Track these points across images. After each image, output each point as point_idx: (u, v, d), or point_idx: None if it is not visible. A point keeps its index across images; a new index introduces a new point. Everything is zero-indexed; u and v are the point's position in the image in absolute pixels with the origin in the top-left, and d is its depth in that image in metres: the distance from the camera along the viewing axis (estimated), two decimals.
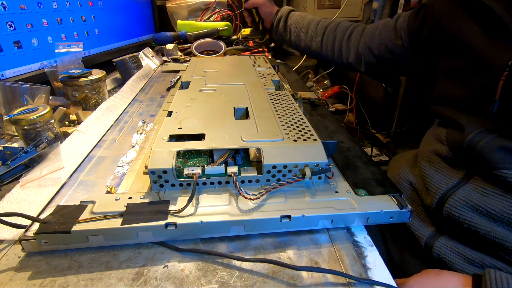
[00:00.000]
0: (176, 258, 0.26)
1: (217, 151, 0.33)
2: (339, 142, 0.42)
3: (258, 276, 0.25)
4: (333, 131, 0.45)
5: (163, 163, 0.29)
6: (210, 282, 0.24)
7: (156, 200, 0.29)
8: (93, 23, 0.81)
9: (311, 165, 0.31)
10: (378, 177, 0.34)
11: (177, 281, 0.24)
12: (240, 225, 0.28)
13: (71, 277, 0.24)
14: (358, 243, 0.28)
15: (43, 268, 0.25)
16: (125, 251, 0.27)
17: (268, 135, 0.34)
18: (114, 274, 0.25)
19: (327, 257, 0.27)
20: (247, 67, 0.64)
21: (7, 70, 0.57)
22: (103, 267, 0.25)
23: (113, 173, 0.35)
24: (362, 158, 0.38)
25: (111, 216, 0.27)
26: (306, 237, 0.29)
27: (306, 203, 0.29)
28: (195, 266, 0.25)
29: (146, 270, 0.25)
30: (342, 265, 0.26)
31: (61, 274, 0.25)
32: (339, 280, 0.25)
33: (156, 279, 0.24)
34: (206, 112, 0.40)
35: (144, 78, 0.72)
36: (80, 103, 0.58)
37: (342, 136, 0.43)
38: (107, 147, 0.41)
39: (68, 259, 0.26)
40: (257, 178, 0.31)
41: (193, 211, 0.28)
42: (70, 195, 0.31)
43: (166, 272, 0.25)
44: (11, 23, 0.57)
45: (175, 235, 0.27)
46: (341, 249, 0.28)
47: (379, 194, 0.31)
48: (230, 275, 0.25)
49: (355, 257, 0.27)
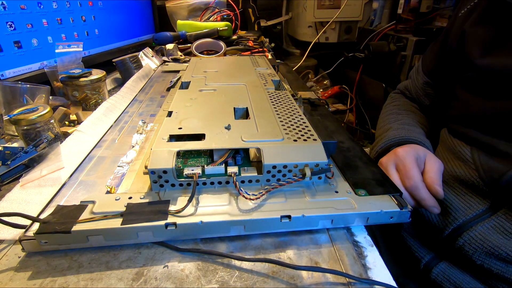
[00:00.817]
0: (176, 258, 0.26)
1: (217, 151, 0.33)
2: (339, 142, 0.42)
3: (258, 276, 0.25)
4: (333, 131, 0.45)
5: (163, 163, 0.29)
6: (210, 282, 0.24)
7: (156, 200, 0.29)
8: (93, 23, 0.81)
9: (311, 165, 0.31)
10: (378, 177, 0.34)
11: (177, 281, 0.24)
12: (240, 225, 0.28)
13: (71, 277, 0.24)
14: (358, 243, 0.28)
15: (43, 268, 0.25)
16: (125, 251, 0.27)
17: (268, 135, 0.34)
18: (114, 274, 0.25)
19: (327, 257, 0.27)
20: (247, 67, 0.64)
21: (7, 70, 0.57)
22: (103, 267, 0.25)
23: (113, 173, 0.35)
24: (362, 158, 0.38)
25: (111, 216, 0.27)
26: (306, 237, 0.29)
27: (306, 203, 0.29)
28: (195, 266, 0.25)
29: (146, 270, 0.25)
30: (342, 265, 0.26)
31: (61, 274, 0.25)
32: (339, 280, 0.25)
33: (156, 279, 0.24)
34: (206, 112, 0.40)
35: (144, 78, 0.72)
36: (80, 103, 0.58)
37: (342, 136, 0.43)
38: (107, 147, 0.41)
39: (68, 259, 0.26)
40: (257, 178, 0.31)
41: (193, 211, 0.28)
42: (70, 195, 0.31)
43: (166, 272, 0.25)
44: (11, 23, 0.57)
45: (175, 235, 0.27)
46: (341, 249, 0.28)
47: (379, 194, 0.31)
48: (230, 275, 0.25)
49: (355, 257, 0.27)
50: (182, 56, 0.90)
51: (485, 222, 0.37)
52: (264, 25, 1.44)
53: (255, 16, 0.88)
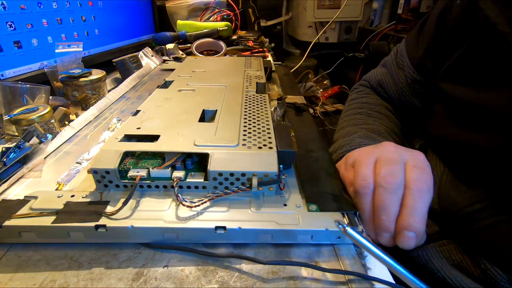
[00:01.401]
0: (176, 258, 0.26)
1: (169, 154, 0.31)
2: (310, 151, 0.38)
3: (258, 275, 0.25)
4: (308, 139, 0.42)
5: (107, 163, 0.29)
6: (210, 282, 0.24)
7: (97, 200, 0.29)
8: (93, 23, 0.81)
9: (260, 174, 0.29)
10: (337, 192, 0.31)
11: (177, 281, 0.24)
12: (173, 233, 0.26)
13: (71, 277, 0.24)
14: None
15: (43, 268, 0.25)
16: (125, 251, 0.27)
17: (223, 140, 0.32)
18: (114, 274, 0.25)
19: (327, 257, 0.27)
20: (237, 68, 0.63)
21: (7, 70, 0.57)
22: (103, 267, 0.25)
23: (69, 169, 0.35)
24: (328, 170, 0.35)
25: (47, 214, 0.26)
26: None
27: (248, 215, 0.28)
28: (195, 266, 0.25)
29: (146, 270, 0.25)
30: (342, 264, 0.26)
31: (61, 274, 0.25)
32: (339, 279, 0.25)
33: (156, 279, 0.24)
34: (173, 113, 0.39)
35: (143, 76, 0.72)
36: (80, 103, 0.58)
37: (315, 145, 0.40)
38: (77, 143, 0.41)
39: (68, 259, 0.26)
40: (203, 184, 0.30)
41: (129, 215, 0.27)
42: (22, 190, 0.32)
43: (166, 272, 0.25)
44: (11, 23, 0.57)
45: (107, 238, 0.27)
46: (341, 248, 0.27)
47: (331, 211, 0.28)
48: (230, 275, 0.25)
49: (355, 257, 0.27)
50: (184, 55, 0.90)
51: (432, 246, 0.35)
52: (264, 25, 1.44)
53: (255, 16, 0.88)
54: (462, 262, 0.34)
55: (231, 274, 0.25)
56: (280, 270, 0.25)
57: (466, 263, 0.34)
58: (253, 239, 0.27)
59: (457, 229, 0.35)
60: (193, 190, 0.30)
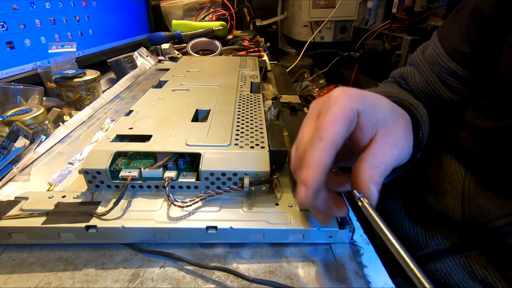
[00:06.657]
0: (172, 259, 0.26)
1: (161, 154, 0.31)
2: None
3: (256, 275, 0.25)
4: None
5: (98, 164, 0.29)
6: (206, 282, 0.24)
7: (88, 200, 0.28)
8: (87, 23, 0.81)
9: (252, 174, 0.29)
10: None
11: (173, 282, 0.24)
12: (164, 233, 0.26)
13: (66, 279, 0.24)
14: (354, 242, 0.28)
15: (37, 270, 0.25)
16: (121, 252, 0.27)
17: (215, 140, 0.32)
18: (110, 275, 0.24)
19: (324, 255, 0.27)
20: (232, 68, 0.63)
21: (0, 71, 0.57)
22: (98, 268, 0.25)
23: (61, 170, 0.35)
24: None
25: (37, 215, 0.26)
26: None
27: (240, 215, 0.27)
28: (191, 267, 0.25)
29: (143, 271, 0.25)
30: (338, 263, 0.26)
31: (56, 276, 0.24)
32: (336, 278, 0.25)
33: (153, 280, 0.24)
34: (166, 113, 0.39)
35: (138, 77, 0.72)
36: (74, 104, 0.57)
37: None
38: (70, 143, 0.41)
39: (63, 261, 0.26)
40: (195, 184, 0.30)
41: (120, 215, 0.27)
42: (13, 190, 0.32)
43: (163, 273, 0.25)
44: (3, 24, 0.57)
45: (98, 238, 0.26)
46: (337, 247, 0.28)
47: None
48: (227, 276, 0.25)
49: (351, 255, 0.27)
50: (180, 55, 0.89)
51: (452, 258, 0.32)
52: (259, 24, 1.44)
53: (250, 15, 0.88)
54: (486, 277, 0.31)
55: (227, 275, 0.25)
56: (277, 269, 0.25)
57: (492, 278, 0.31)
58: (245, 239, 0.27)
59: (485, 242, 0.31)
60: (185, 190, 0.30)
